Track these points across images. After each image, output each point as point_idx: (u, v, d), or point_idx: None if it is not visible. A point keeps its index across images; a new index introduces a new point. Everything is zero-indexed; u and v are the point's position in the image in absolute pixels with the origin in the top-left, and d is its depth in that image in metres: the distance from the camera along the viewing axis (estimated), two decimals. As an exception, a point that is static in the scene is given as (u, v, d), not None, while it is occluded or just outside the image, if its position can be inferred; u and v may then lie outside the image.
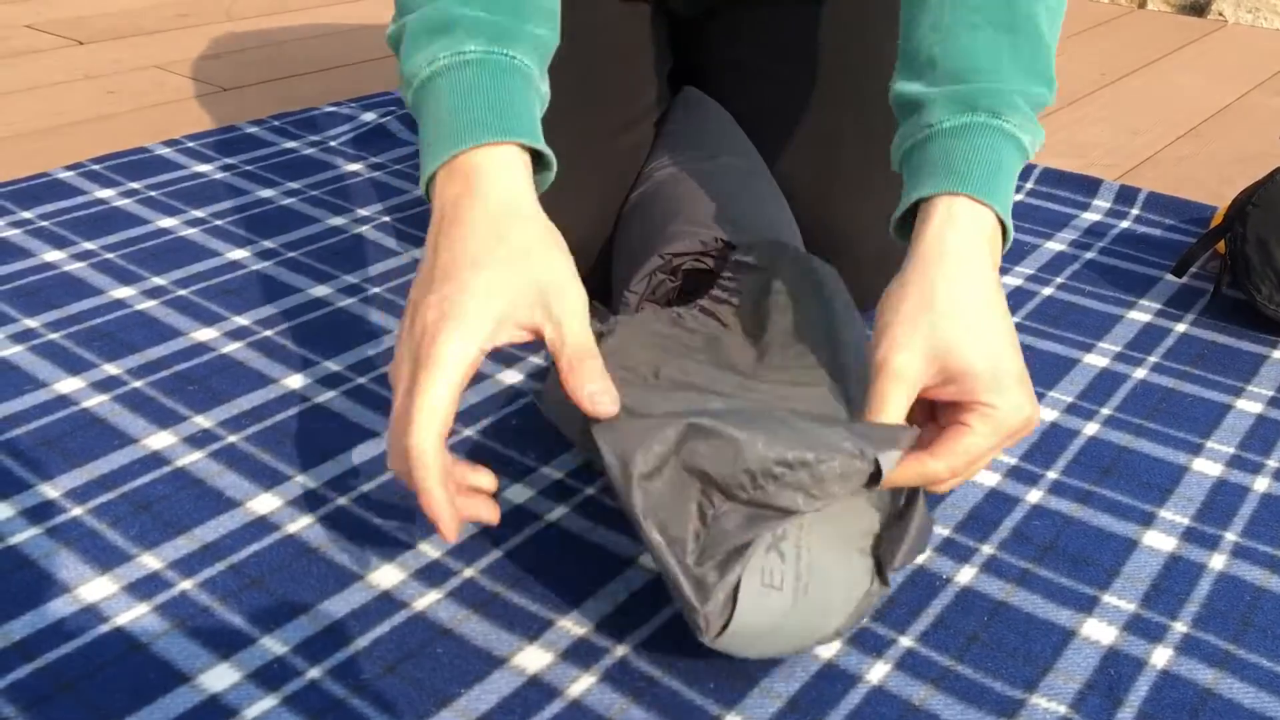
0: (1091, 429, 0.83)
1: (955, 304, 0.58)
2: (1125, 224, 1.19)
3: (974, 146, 0.62)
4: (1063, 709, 0.59)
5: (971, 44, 0.64)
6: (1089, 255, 1.11)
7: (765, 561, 0.57)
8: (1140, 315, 1.00)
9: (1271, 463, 0.80)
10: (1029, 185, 1.27)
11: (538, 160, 0.62)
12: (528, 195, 0.59)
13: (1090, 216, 1.20)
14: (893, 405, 0.58)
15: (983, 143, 0.62)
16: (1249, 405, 0.87)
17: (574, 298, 0.57)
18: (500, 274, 0.56)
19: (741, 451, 0.55)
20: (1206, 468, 0.79)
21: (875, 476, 0.55)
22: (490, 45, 0.60)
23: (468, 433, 0.80)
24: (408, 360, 0.56)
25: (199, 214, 1.12)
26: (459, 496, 0.59)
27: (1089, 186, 1.25)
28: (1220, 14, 2.12)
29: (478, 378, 0.87)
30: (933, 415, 0.62)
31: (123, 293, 0.97)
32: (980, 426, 0.58)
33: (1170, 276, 1.06)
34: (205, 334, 0.91)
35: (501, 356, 0.90)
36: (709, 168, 0.89)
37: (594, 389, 0.57)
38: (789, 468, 0.55)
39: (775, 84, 0.98)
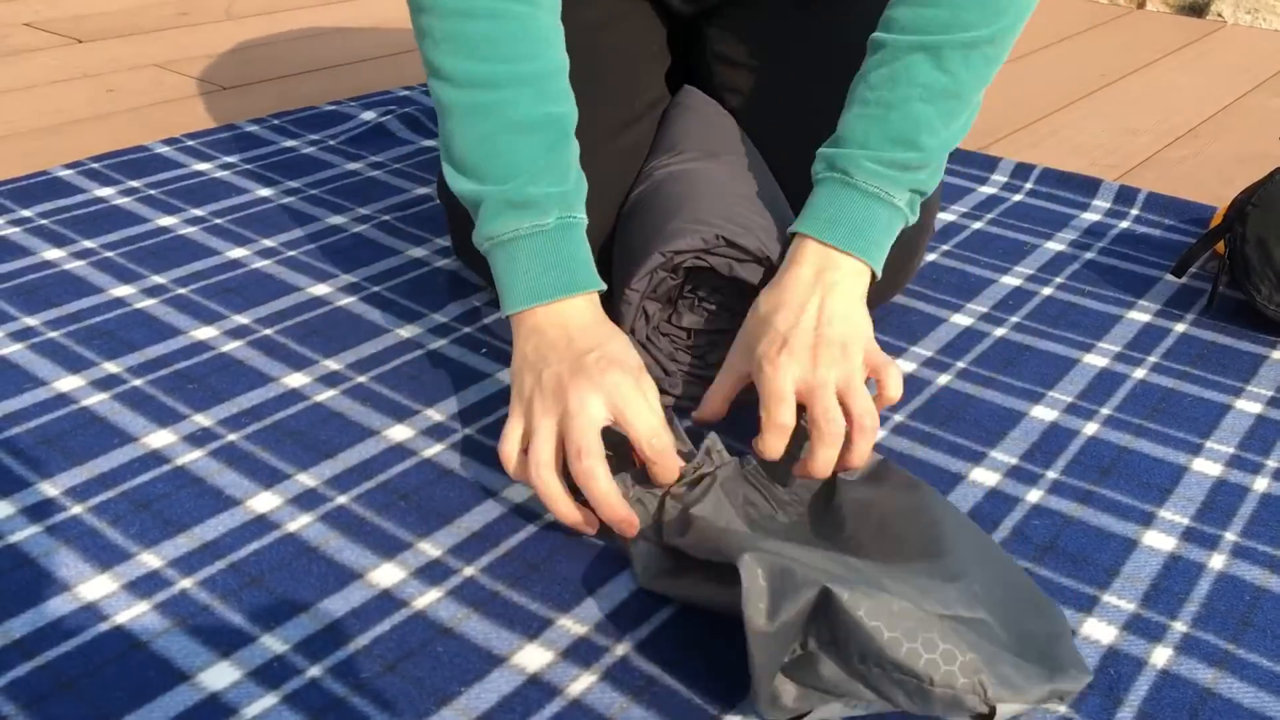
0: (1091, 429, 0.83)
1: (764, 317, 0.74)
2: (1125, 224, 1.19)
3: (825, 195, 0.78)
4: (1063, 709, 0.59)
5: (853, 117, 0.78)
6: (1088, 255, 1.11)
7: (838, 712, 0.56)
8: (1140, 315, 1.00)
9: (1271, 463, 0.80)
10: (1028, 185, 1.27)
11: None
12: (606, 324, 0.73)
13: (1090, 217, 1.20)
14: (720, 389, 0.77)
15: (834, 191, 0.77)
16: (1248, 405, 0.87)
17: (639, 397, 0.69)
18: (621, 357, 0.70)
19: (872, 639, 0.53)
20: (1206, 468, 0.79)
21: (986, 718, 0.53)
22: (563, 212, 0.74)
23: (468, 431, 0.80)
24: (553, 413, 0.68)
25: (198, 212, 1.12)
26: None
27: (1089, 187, 1.25)
28: (1219, 15, 2.12)
29: (478, 375, 0.87)
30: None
31: (122, 291, 0.97)
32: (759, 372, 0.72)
33: (1170, 277, 1.06)
34: (205, 332, 0.91)
35: (503, 357, 0.90)
36: (709, 166, 0.89)
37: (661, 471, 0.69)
38: (904, 674, 0.53)
39: (773, 82, 0.98)
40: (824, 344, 0.71)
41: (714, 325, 0.83)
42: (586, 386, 0.67)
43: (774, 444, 0.70)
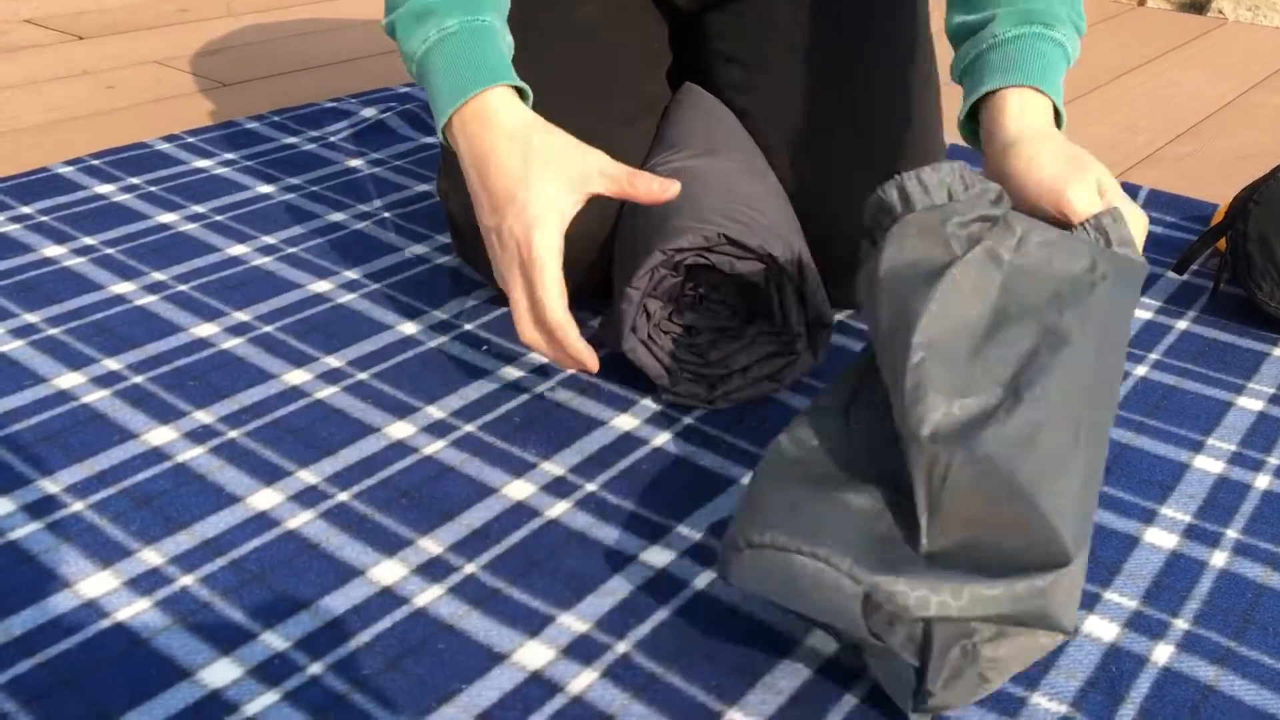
0: (1093, 426, 0.83)
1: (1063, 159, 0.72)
2: (1126, 221, 1.18)
3: (1034, 50, 0.76)
4: (1064, 707, 0.59)
5: None
6: (1090, 252, 1.11)
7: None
8: (1142, 313, 1.00)
9: (1272, 460, 0.80)
10: (1030, 182, 1.27)
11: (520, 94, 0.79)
12: (528, 114, 0.76)
13: (1091, 214, 1.20)
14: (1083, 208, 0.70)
15: (1042, 46, 0.77)
16: (1250, 403, 0.87)
17: (598, 157, 0.74)
18: (545, 178, 0.73)
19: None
20: (1208, 465, 0.79)
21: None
22: (464, 16, 0.76)
23: (468, 428, 0.80)
24: (514, 269, 0.74)
25: (199, 209, 1.12)
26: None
27: (1090, 184, 1.25)
28: (1220, 11, 2.11)
29: (479, 372, 0.87)
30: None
31: (123, 288, 0.97)
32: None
33: (1172, 274, 1.06)
34: (206, 329, 0.91)
35: (503, 354, 0.90)
36: (710, 163, 0.89)
37: (658, 184, 0.75)
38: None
39: (776, 78, 0.98)
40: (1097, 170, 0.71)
41: (715, 323, 0.83)
42: (525, 254, 0.73)
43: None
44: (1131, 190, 1.23)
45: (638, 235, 0.83)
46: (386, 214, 1.13)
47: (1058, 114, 0.77)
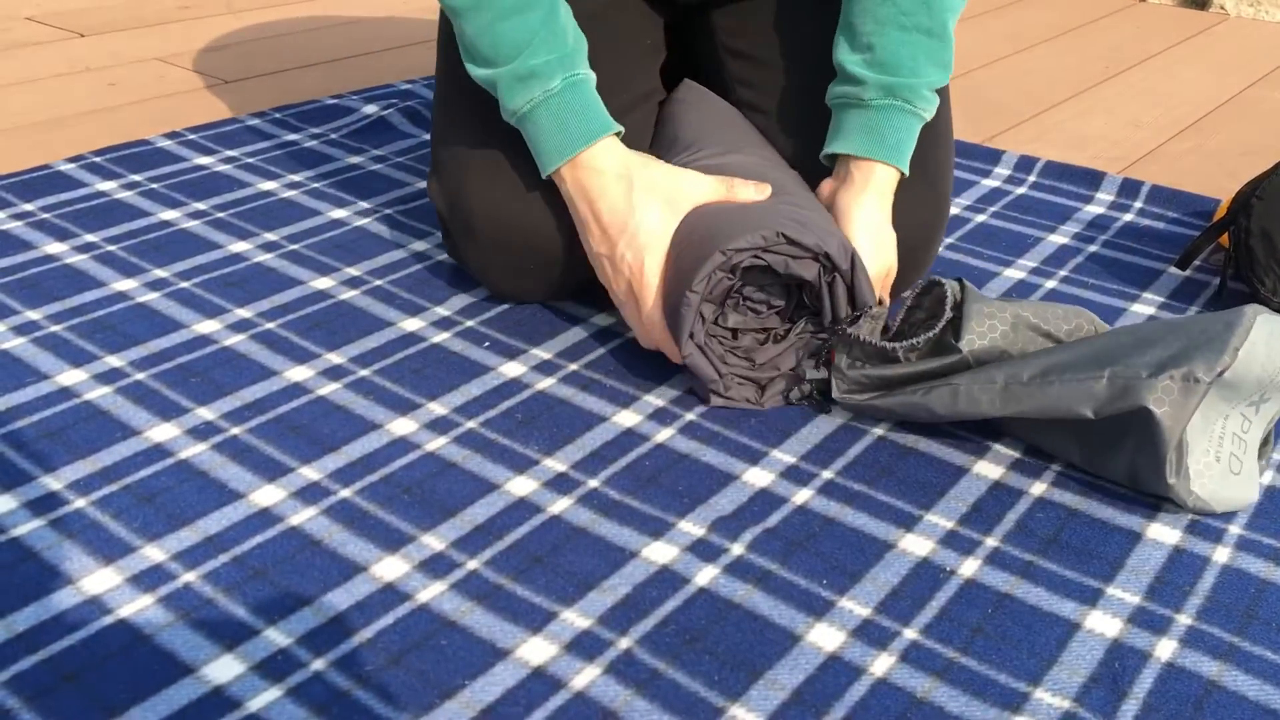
0: (1095, 422, 0.83)
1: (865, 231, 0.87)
2: (1129, 217, 1.18)
3: (894, 125, 0.87)
4: (1067, 703, 0.59)
5: (900, 43, 0.87)
6: (1092, 248, 1.11)
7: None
8: (1144, 309, 1.00)
9: (1276, 455, 0.80)
10: (1031, 178, 1.27)
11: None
12: (629, 155, 0.86)
13: (1093, 209, 1.20)
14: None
15: (900, 122, 0.88)
16: (1253, 398, 0.87)
17: (693, 180, 0.85)
18: (649, 208, 0.84)
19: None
20: (1210, 461, 0.79)
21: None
22: (564, 74, 0.84)
23: (470, 424, 0.80)
24: (628, 293, 0.85)
25: (201, 206, 1.12)
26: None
27: (1092, 179, 1.25)
28: (1222, 7, 2.11)
29: (481, 369, 0.87)
30: None
31: (125, 285, 0.97)
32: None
33: (1174, 270, 1.06)
34: (207, 326, 0.91)
35: (504, 349, 0.90)
36: (741, 160, 0.89)
37: (754, 188, 0.85)
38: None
39: (786, 74, 0.98)
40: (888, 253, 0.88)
41: (758, 324, 0.83)
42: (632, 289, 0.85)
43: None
44: (1133, 187, 1.23)
45: (688, 238, 0.82)
46: (388, 211, 1.13)
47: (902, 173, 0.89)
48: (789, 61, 0.98)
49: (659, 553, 0.68)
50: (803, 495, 0.74)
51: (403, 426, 0.80)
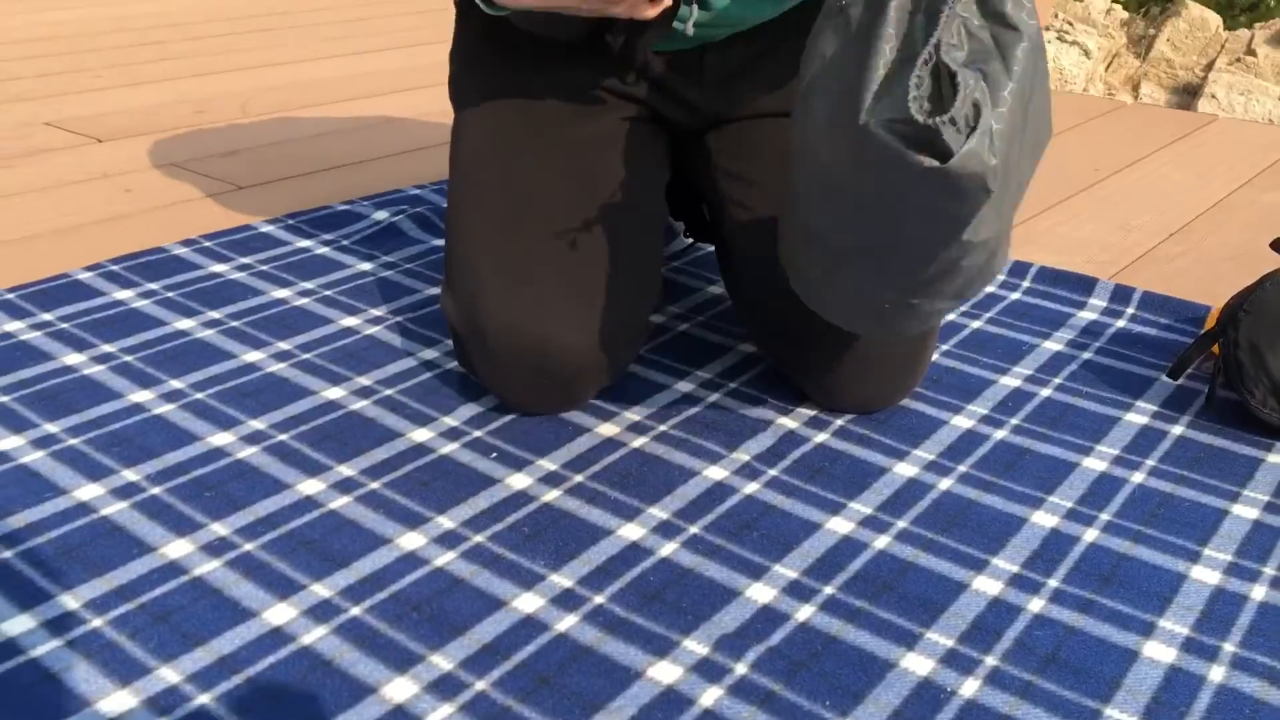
0: (1091, 535, 0.85)
1: None
2: (1121, 323, 1.21)
3: None
4: None
5: None
6: (1086, 355, 1.14)
7: None
8: (1138, 417, 1.02)
9: (1269, 570, 0.81)
10: (1025, 284, 1.30)
11: None
12: None
13: (1086, 315, 1.23)
14: None
15: None
16: (1245, 510, 0.88)
17: None
18: None
19: None
20: (1205, 575, 0.81)
21: None
22: None
23: (478, 539, 0.81)
24: None
25: (215, 315, 1.15)
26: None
27: (1085, 285, 1.28)
28: (1214, 95, 2.16)
29: (487, 480, 0.89)
30: None
31: (141, 396, 0.99)
32: None
33: (1167, 378, 1.09)
34: (222, 438, 0.93)
35: (511, 460, 0.92)
36: None
37: None
38: None
39: (773, 197, 1.01)
40: None
41: None
42: None
43: None
44: (1125, 293, 1.26)
45: None
46: (398, 319, 1.16)
47: None
48: (780, 182, 1.01)
49: (664, 672, 0.70)
50: (805, 612, 0.75)
51: (412, 541, 0.81)
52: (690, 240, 1.37)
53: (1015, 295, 1.28)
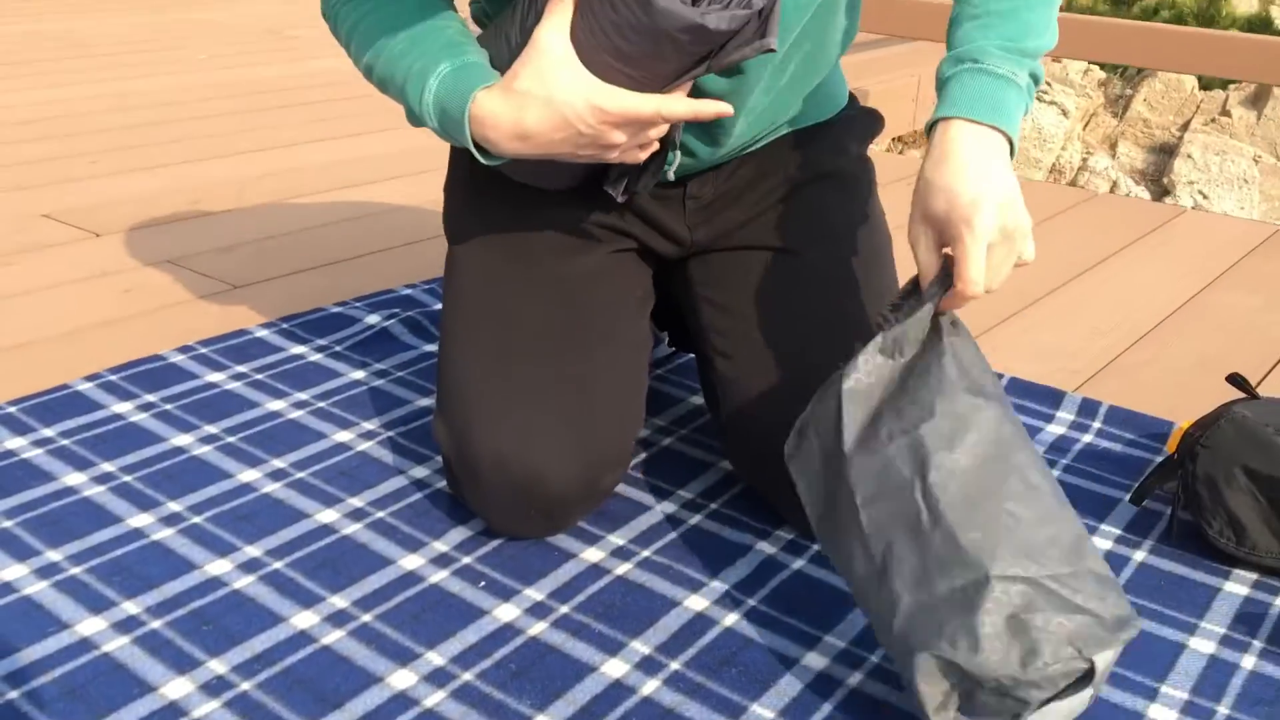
0: (1054, 671, 0.88)
1: (931, 180, 0.87)
2: (1088, 438, 1.26)
3: (961, 84, 0.89)
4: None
5: (965, 30, 0.91)
6: (1054, 474, 1.18)
7: None
8: (1103, 542, 1.06)
9: (1222, 709, 0.85)
10: (997, 395, 1.35)
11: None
12: (503, 81, 0.89)
13: (1055, 430, 1.27)
14: (921, 257, 0.88)
15: (969, 80, 0.89)
16: (1202, 644, 0.92)
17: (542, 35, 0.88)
18: (557, 79, 0.86)
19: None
20: (1162, 715, 0.84)
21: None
22: (434, 73, 0.91)
23: (467, 676, 0.85)
24: (600, 123, 0.87)
25: (212, 429, 1.19)
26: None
27: (1053, 398, 1.33)
28: (1189, 155, 2.22)
29: (477, 613, 0.92)
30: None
31: (141, 520, 1.02)
32: (959, 258, 0.84)
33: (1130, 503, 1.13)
34: (219, 566, 0.96)
35: (499, 589, 0.95)
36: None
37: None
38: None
39: (749, 325, 1.05)
40: (1011, 208, 0.85)
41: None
42: (563, 102, 0.86)
43: (973, 290, 0.84)
44: (1092, 407, 1.31)
45: (591, 45, 0.87)
46: (389, 433, 1.20)
47: (1005, 134, 0.88)
48: (757, 312, 1.06)
49: (644, 822, 0.73)
50: (779, 755, 0.79)
51: (403, 679, 0.84)
52: (673, 349, 1.41)
53: (987, 407, 1.32)
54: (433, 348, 1.40)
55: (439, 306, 1.53)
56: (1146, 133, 7.29)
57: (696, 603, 0.95)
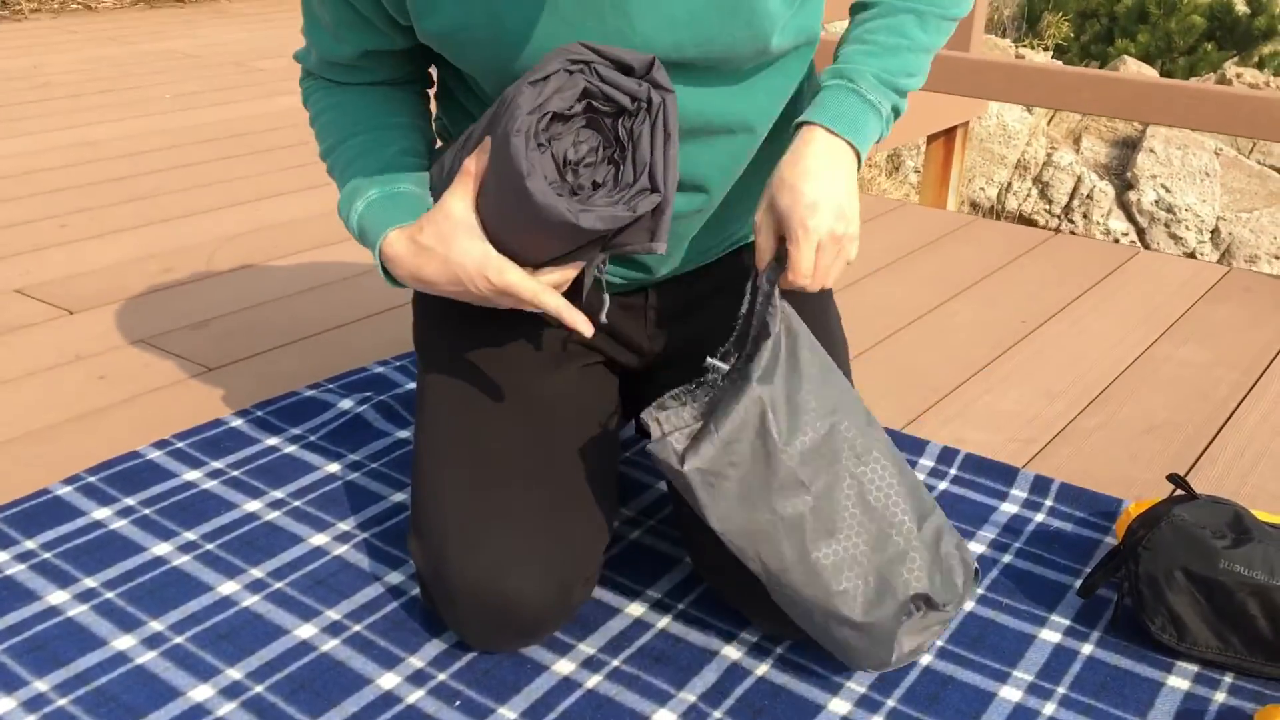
0: (1004, 781, 0.93)
1: (780, 173, 0.96)
2: (1040, 517, 1.31)
3: (834, 98, 0.99)
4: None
5: (849, 52, 1.03)
6: (1006, 558, 1.23)
7: None
8: (1051, 635, 1.11)
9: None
10: (953, 471, 1.39)
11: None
12: (412, 228, 0.98)
13: (1008, 509, 1.32)
14: (761, 242, 0.98)
15: (840, 97, 0.99)
16: (1144, 747, 0.97)
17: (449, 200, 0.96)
18: (457, 244, 0.94)
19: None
20: (1104, 826, 0.89)
21: None
22: (362, 199, 1.01)
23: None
24: (487, 289, 0.95)
25: (191, 535, 1.22)
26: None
27: (1007, 475, 1.38)
28: (1151, 149, 2.28)
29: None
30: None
31: (124, 643, 1.05)
32: (792, 248, 0.95)
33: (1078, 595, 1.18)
34: (201, 692, 1.00)
35: (474, 709, 0.99)
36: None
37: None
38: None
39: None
40: (843, 217, 0.96)
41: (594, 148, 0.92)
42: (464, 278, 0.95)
43: (801, 280, 0.96)
44: (1044, 485, 1.35)
45: (494, 203, 0.94)
46: (364, 535, 1.23)
47: (855, 150, 0.98)
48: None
49: None
50: None
51: (384, 813, 0.88)
52: (639, 434, 1.45)
53: (943, 485, 1.37)
54: (405, 434, 1.44)
55: (410, 386, 1.56)
56: (1110, 127, 7.38)
57: (664, 716, 0.99)
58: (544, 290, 0.94)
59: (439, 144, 1.15)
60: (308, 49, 1.07)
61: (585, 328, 0.96)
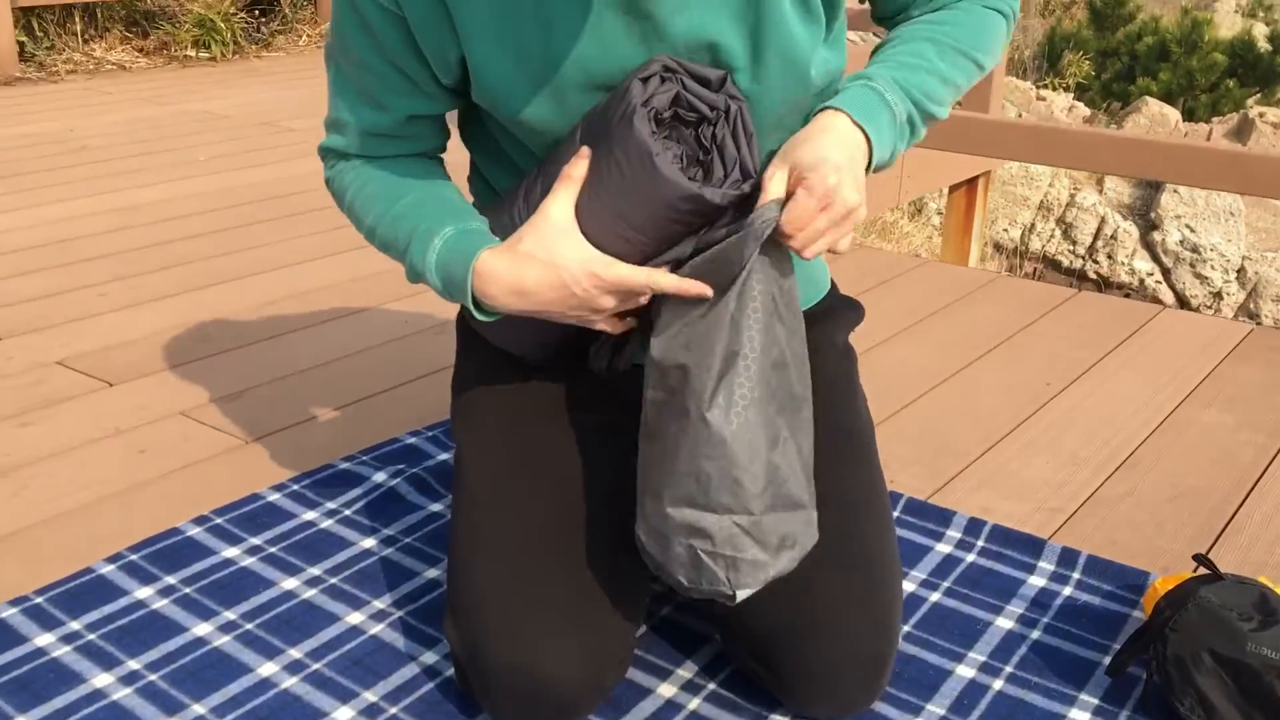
0: None
1: (803, 136, 0.98)
2: (1068, 590, 1.31)
3: (850, 91, 1.01)
4: None
5: (871, 65, 1.06)
6: (1035, 634, 1.24)
7: None
8: (1080, 714, 1.12)
9: None
10: (980, 543, 1.40)
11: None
12: (504, 245, 1.01)
13: (1036, 582, 1.33)
14: (771, 185, 0.97)
15: (858, 93, 1.01)
16: (1174, 833, 0.98)
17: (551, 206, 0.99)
18: (561, 249, 0.98)
19: None
20: None
21: None
22: (438, 237, 1.03)
23: None
24: (594, 287, 0.97)
25: (231, 615, 1.24)
26: None
27: (1034, 548, 1.39)
28: (1175, 189, 2.29)
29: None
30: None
31: (167, 727, 1.08)
32: (802, 192, 0.95)
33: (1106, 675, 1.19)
34: (244, 778, 1.02)
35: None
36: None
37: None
38: None
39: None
40: (859, 189, 0.97)
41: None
42: (565, 273, 0.97)
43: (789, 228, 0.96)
44: (1071, 557, 1.36)
45: (596, 207, 0.98)
46: (399, 613, 1.25)
47: (866, 133, 0.99)
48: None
49: None
50: None
51: None
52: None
53: (970, 557, 1.38)
54: (438, 507, 1.46)
55: (442, 457, 1.59)
56: (1132, 168, 7.37)
57: (697, 802, 1.00)
58: (655, 273, 0.96)
59: None
60: (340, 128, 1.10)
61: (703, 289, 0.96)
